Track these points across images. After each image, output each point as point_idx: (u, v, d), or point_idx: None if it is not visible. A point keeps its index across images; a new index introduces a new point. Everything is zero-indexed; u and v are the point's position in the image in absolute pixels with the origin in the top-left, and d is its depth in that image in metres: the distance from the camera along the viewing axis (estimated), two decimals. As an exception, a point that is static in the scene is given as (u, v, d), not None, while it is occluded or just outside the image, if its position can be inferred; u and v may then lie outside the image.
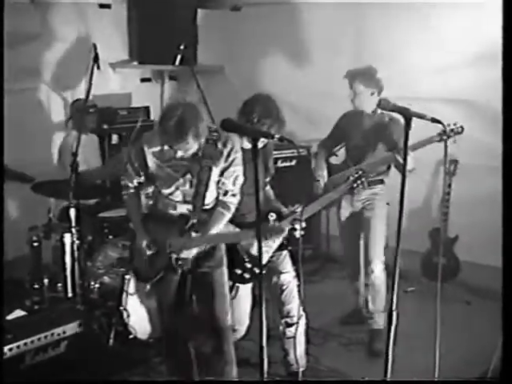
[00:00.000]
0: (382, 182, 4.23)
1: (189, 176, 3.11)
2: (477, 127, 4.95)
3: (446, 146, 2.53)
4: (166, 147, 3.05)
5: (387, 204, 4.53)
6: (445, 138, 3.74)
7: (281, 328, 3.62)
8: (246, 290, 3.51)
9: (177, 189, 3.15)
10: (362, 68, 4.08)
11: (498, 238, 4.42)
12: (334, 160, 4.44)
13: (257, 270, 3.32)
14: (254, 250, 3.34)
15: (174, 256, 3.13)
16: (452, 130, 3.80)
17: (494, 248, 4.80)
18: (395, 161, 3.95)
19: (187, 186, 3.13)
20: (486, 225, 5.01)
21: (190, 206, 3.13)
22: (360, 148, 4.16)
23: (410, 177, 2.40)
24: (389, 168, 4.22)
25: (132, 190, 3.29)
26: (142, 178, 3.24)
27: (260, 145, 3.31)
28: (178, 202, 3.17)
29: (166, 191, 3.17)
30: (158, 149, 3.10)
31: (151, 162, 3.13)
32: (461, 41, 5.01)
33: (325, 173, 4.24)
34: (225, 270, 3.25)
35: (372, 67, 4.07)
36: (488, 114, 4.87)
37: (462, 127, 3.78)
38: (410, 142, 3.64)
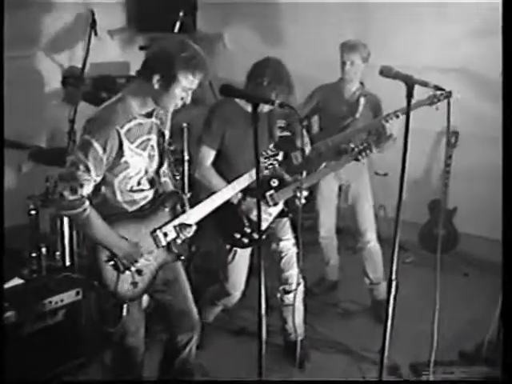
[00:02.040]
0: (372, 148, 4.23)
1: (151, 151, 2.73)
2: (476, 97, 4.93)
3: (448, 118, 2.48)
4: (143, 119, 2.63)
5: (386, 175, 4.53)
6: (435, 100, 3.72)
7: (278, 295, 3.64)
8: (243, 255, 3.49)
9: (145, 172, 2.73)
10: (359, 41, 4.08)
11: (496, 210, 4.44)
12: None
13: (256, 236, 3.31)
14: (254, 215, 3.31)
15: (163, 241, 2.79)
16: (441, 94, 3.76)
17: (492, 220, 4.83)
18: (381, 127, 3.94)
19: (154, 164, 2.77)
20: (485, 197, 5.02)
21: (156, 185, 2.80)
22: (339, 118, 4.13)
23: (409, 148, 2.37)
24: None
25: (87, 202, 2.54)
26: (100, 178, 2.59)
27: (265, 110, 3.28)
28: (139, 186, 2.73)
29: (133, 180, 2.69)
30: (130, 125, 2.58)
31: (126, 147, 2.57)
32: (460, 13, 4.95)
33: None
34: None
35: (365, 43, 4.07)
36: (489, 84, 4.83)
37: (450, 92, 3.74)
38: (398, 107, 3.71)
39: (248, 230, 3.35)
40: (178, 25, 5.43)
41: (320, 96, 4.27)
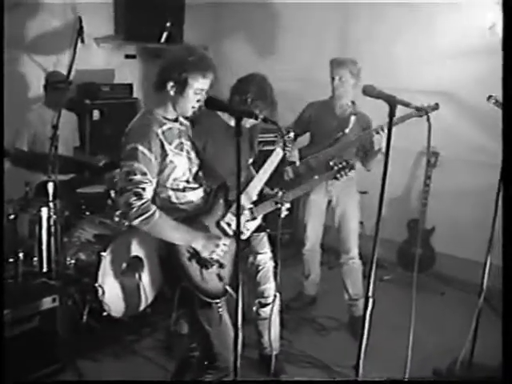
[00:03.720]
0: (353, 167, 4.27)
1: (187, 154, 2.86)
2: (459, 120, 5.01)
3: (429, 139, 2.52)
4: (172, 124, 2.77)
5: (365, 193, 4.57)
6: (422, 113, 3.75)
7: (254, 308, 3.63)
8: None
9: (189, 172, 2.86)
10: (348, 58, 4.11)
11: (473, 231, 4.51)
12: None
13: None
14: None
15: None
16: (429, 106, 3.80)
17: (468, 241, 4.89)
18: (369, 144, 3.99)
19: (194, 165, 2.92)
20: (463, 218, 5.08)
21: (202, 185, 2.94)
22: (330, 132, 4.15)
23: (390, 167, 2.40)
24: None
25: (154, 208, 2.63)
26: (156, 180, 2.71)
27: (247, 125, 3.30)
28: (190, 184, 2.86)
29: (182, 180, 2.82)
30: (163, 128, 2.72)
31: (167, 148, 2.71)
32: (446, 34, 5.04)
33: (295, 152, 4.22)
34: None
35: (354, 59, 4.10)
36: (471, 107, 4.91)
37: (437, 104, 3.80)
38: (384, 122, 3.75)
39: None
40: (164, 35, 5.45)
41: (311, 112, 4.30)
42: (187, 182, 2.83)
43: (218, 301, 2.82)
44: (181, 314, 3.17)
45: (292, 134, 3.32)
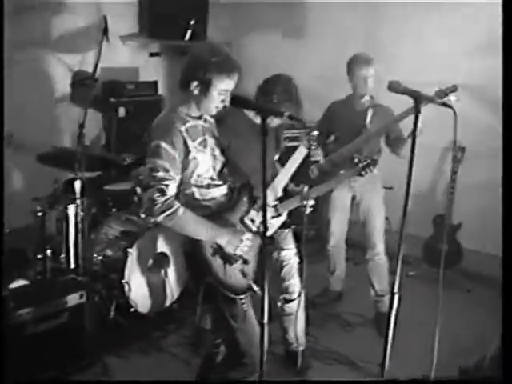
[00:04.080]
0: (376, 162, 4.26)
1: (211, 151, 2.87)
2: (483, 113, 4.95)
3: (455, 134, 2.50)
4: (195, 121, 2.79)
5: (391, 188, 4.54)
6: (442, 95, 3.72)
7: (279, 304, 3.64)
8: None
9: (213, 169, 2.87)
10: (366, 55, 4.10)
11: (500, 226, 4.45)
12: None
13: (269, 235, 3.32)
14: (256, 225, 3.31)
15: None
16: (447, 88, 3.76)
17: (496, 237, 4.82)
18: (398, 131, 3.99)
19: (218, 162, 2.92)
20: (490, 213, 5.01)
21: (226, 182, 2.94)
22: (352, 129, 4.13)
23: (416, 162, 2.38)
24: (379, 151, 4.25)
25: (177, 204, 2.66)
26: (179, 176, 2.73)
27: (273, 124, 3.30)
28: (214, 181, 2.86)
29: (206, 177, 2.83)
30: (186, 126, 2.74)
31: (190, 145, 2.73)
32: (463, 31, 4.99)
33: (319, 151, 4.21)
34: None
35: (370, 56, 4.10)
36: (494, 99, 4.85)
37: (455, 85, 3.76)
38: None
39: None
40: (188, 33, 5.47)
41: (333, 111, 4.30)
42: (211, 178, 2.84)
43: (242, 297, 2.83)
44: (205, 309, 3.20)
45: (316, 132, 3.32)
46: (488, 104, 4.94)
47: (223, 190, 2.91)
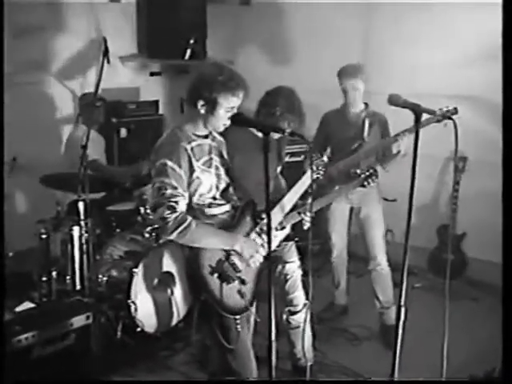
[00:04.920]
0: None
1: (216, 170, 2.87)
2: (485, 122, 4.95)
3: (456, 143, 2.50)
4: (202, 140, 2.79)
5: (394, 200, 4.55)
6: (440, 119, 3.74)
7: (284, 317, 3.62)
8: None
9: (216, 189, 2.86)
10: (356, 65, 4.13)
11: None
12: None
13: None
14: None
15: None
16: (448, 111, 3.78)
17: (500, 245, 4.82)
18: (388, 148, 3.97)
19: (222, 181, 2.91)
20: (494, 222, 5.00)
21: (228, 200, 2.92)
22: (348, 141, 4.16)
23: (418, 173, 2.39)
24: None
25: (189, 218, 2.65)
26: (187, 194, 2.72)
27: (275, 137, 3.31)
28: (216, 201, 2.85)
29: (208, 197, 2.82)
30: (192, 145, 2.74)
31: (195, 164, 2.73)
32: (464, 38, 5.02)
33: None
34: None
35: (361, 65, 4.15)
36: (498, 110, 4.85)
37: (455, 108, 3.78)
38: (406, 126, 3.76)
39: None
40: (188, 52, 5.50)
41: (327, 123, 4.32)
42: (213, 198, 2.83)
43: (237, 317, 2.80)
44: (199, 328, 3.17)
45: (326, 159, 3.31)
46: (491, 113, 4.94)
47: (225, 208, 2.90)
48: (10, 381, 3.00)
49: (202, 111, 2.68)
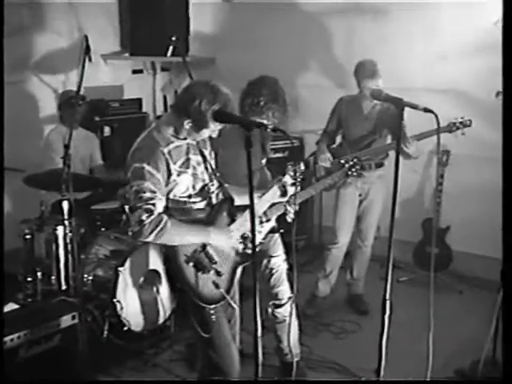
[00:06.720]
0: (383, 164, 4.40)
1: (193, 170, 2.83)
2: (466, 116, 4.98)
3: (438, 137, 2.52)
4: (180, 141, 2.75)
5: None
6: (454, 129, 3.88)
7: (269, 310, 3.60)
8: None
9: (193, 188, 2.83)
10: (375, 64, 4.10)
11: (489, 227, 4.49)
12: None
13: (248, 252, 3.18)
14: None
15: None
16: (461, 123, 3.89)
17: (485, 238, 4.87)
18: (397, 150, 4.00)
19: (199, 181, 2.86)
20: (478, 215, 5.05)
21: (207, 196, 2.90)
22: (361, 134, 4.24)
23: (402, 167, 2.41)
24: (386, 155, 4.40)
25: (164, 218, 2.64)
26: (165, 197, 2.71)
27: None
28: (191, 199, 2.83)
29: (183, 196, 2.80)
30: (169, 147, 2.71)
31: (172, 167, 2.71)
32: (454, 32, 5.03)
33: (328, 155, 4.30)
34: None
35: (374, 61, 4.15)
36: (481, 104, 4.89)
37: (470, 120, 3.88)
38: (415, 132, 3.81)
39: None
40: (170, 49, 5.48)
41: (341, 107, 4.36)
42: (189, 196, 2.82)
43: (211, 307, 2.79)
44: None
45: (302, 167, 3.19)
46: (473, 107, 4.97)
47: (201, 205, 2.87)
48: (-4, 382, 2.98)
49: (187, 127, 2.67)
